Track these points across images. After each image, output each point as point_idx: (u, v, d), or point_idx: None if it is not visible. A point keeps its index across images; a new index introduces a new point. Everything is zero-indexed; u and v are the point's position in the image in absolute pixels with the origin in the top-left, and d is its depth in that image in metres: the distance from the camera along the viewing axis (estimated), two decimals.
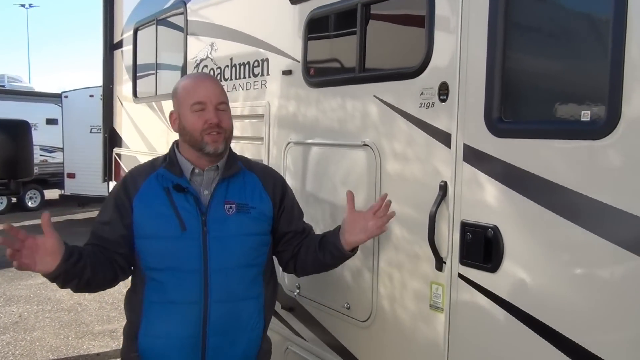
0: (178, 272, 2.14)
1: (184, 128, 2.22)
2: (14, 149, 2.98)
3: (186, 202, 2.17)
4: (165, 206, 2.16)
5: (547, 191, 1.88)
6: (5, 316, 6.87)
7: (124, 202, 2.19)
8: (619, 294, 1.73)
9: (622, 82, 1.68)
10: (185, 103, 2.21)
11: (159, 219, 2.15)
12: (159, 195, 2.18)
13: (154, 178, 2.22)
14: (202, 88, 2.22)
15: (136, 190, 2.19)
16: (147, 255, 2.18)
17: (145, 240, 2.17)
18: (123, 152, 5.80)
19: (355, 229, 2.24)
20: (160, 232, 2.15)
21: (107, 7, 5.94)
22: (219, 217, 2.18)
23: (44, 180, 15.66)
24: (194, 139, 2.19)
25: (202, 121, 2.17)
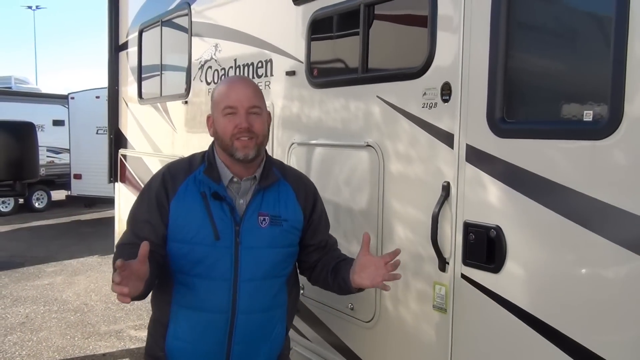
0: (208, 280, 2.13)
1: (217, 132, 2.19)
2: (19, 150, 3.00)
3: (221, 211, 2.14)
4: (201, 212, 2.12)
5: (550, 191, 1.87)
6: (12, 317, 6.89)
7: (163, 202, 2.15)
8: (622, 294, 1.73)
9: (625, 81, 1.68)
10: (218, 107, 2.17)
11: (194, 225, 2.12)
12: (195, 199, 2.14)
13: (192, 181, 2.18)
14: (234, 91, 2.18)
15: (174, 192, 2.15)
16: (178, 259, 2.15)
17: (178, 244, 2.14)
18: (128, 153, 5.82)
19: (363, 272, 2.15)
20: (194, 238, 2.12)
21: (112, 9, 5.96)
22: (252, 229, 2.16)
23: (51, 181, 15.71)
24: (225, 143, 2.16)
25: (233, 125, 2.13)
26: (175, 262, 2.15)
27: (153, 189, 2.20)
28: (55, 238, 11.80)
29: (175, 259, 2.15)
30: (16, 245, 11.00)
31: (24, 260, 9.68)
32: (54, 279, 8.63)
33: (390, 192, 2.55)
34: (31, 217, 14.46)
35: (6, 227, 12.78)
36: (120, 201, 6.15)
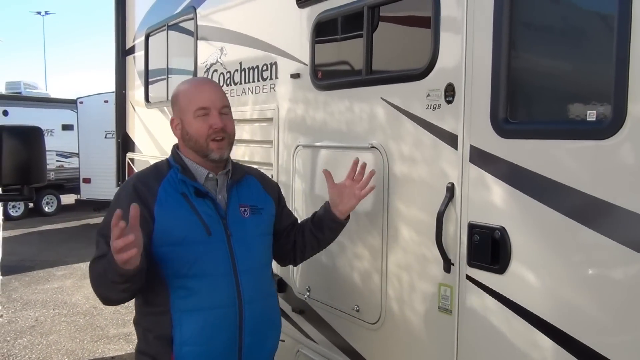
0: (209, 277, 2.12)
1: (188, 134, 2.20)
2: (26, 154, 3.01)
3: (206, 207, 2.16)
4: (187, 212, 2.12)
5: (554, 192, 1.87)
6: (22, 320, 6.95)
7: (144, 211, 2.02)
8: (627, 295, 1.72)
9: (628, 80, 1.67)
10: (188, 109, 2.18)
11: (183, 225, 2.11)
12: (178, 200, 2.13)
13: (168, 184, 2.16)
14: (204, 93, 2.21)
15: (154, 198, 2.11)
16: (172, 263, 2.09)
17: (171, 247, 2.09)
18: (136, 156, 5.85)
19: (344, 198, 2.41)
20: (186, 238, 2.10)
21: (119, 14, 6.00)
22: (237, 220, 2.21)
23: (60, 185, 15.83)
24: (199, 145, 2.18)
25: (207, 126, 2.16)
26: (168, 266, 2.10)
27: (125, 199, 2.07)
28: (65, 242, 11.89)
29: (168, 263, 2.10)
30: (26, 249, 11.09)
31: (33, 264, 9.76)
32: (64, 282, 8.70)
33: (394, 194, 2.54)
34: (41, 221, 14.58)
35: (16, 232, 12.89)
36: None
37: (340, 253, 2.89)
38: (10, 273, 8.91)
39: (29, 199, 3.20)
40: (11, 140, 2.99)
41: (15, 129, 3.11)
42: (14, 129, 3.12)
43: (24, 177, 3.03)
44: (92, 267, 2.08)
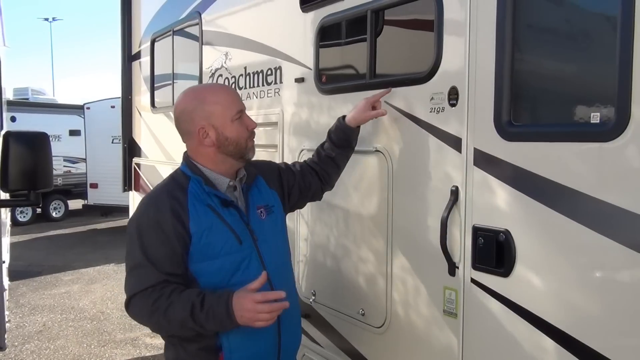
0: (247, 283, 2.05)
1: (227, 139, 2.15)
2: (33, 160, 3.02)
3: (232, 216, 2.15)
4: (219, 224, 2.11)
5: (558, 194, 1.86)
6: (30, 325, 6.97)
7: (180, 230, 2.04)
8: (632, 298, 1.71)
9: (631, 82, 1.67)
10: (226, 114, 2.15)
11: (219, 238, 2.10)
12: (207, 214, 2.10)
13: (193, 198, 2.11)
14: (236, 96, 2.24)
15: (186, 214, 2.07)
16: (212, 276, 2.09)
17: (209, 261, 2.09)
18: (142, 161, 5.87)
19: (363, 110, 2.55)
20: (223, 250, 2.10)
21: (125, 19, 6.03)
22: (258, 223, 2.22)
23: (68, 190, 15.90)
24: (240, 147, 2.18)
25: (245, 128, 2.19)
26: (209, 280, 2.09)
27: (164, 222, 2.06)
28: (72, 247, 11.94)
29: (209, 278, 2.09)
30: (34, 254, 11.13)
31: (41, 269, 9.80)
32: (71, 287, 8.73)
33: (399, 197, 2.54)
34: (48, 226, 14.64)
35: (24, 237, 12.95)
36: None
37: (345, 257, 2.89)
38: (18, 278, 8.94)
39: (36, 205, 3.21)
40: (18, 146, 3.01)
41: (22, 135, 3.12)
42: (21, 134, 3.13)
43: (31, 183, 3.04)
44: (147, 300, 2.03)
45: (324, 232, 3.05)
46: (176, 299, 2.00)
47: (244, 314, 1.94)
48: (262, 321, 1.95)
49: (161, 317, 2.01)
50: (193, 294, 2.01)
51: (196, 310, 1.97)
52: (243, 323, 1.96)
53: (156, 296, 2.01)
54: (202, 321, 1.97)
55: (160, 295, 2.01)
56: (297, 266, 3.25)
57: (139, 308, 2.07)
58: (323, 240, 3.06)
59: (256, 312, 1.93)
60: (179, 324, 2.01)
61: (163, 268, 2.04)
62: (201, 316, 1.96)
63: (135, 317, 2.12)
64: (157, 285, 2.03)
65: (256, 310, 1.93)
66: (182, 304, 1.98)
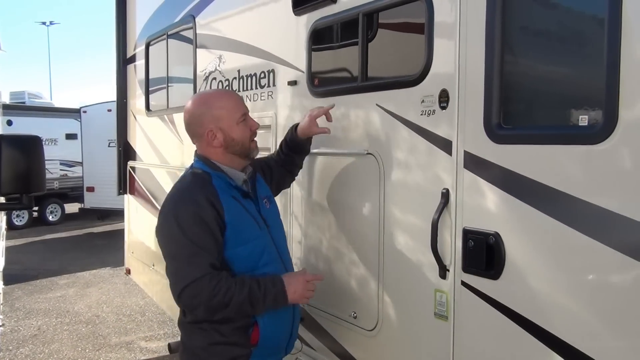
0: (271, 264, 2.40)
1: (233, 140, 2.39)
2: (26, 163, 3.02)
3: (250, 205, 2.41)
4: (244, 213, 2.36)
5: (546, 197, 1.86)
6: (25, 329, 6.95)
7: (218, 220, 2.26)
8: (621, 300, 1.71)
9: (619, 85, 1.67)
10: (232, 118, 2.38)
11: (247, 225, 2.35)
12: (235, 204, 2.34)
13: (221, 191, 2.32)
14: (239, 100, 2.46)
15: (221, 205, 2.28)
16: (246, 260, 2.33)
17: (242, 246, 2.32)
18: (137, 165, 5.86)
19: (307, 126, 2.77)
20: (251, 235, 2.35)
21: (120, 23, 6.02)
22: (267, 212, 2.50)
23: (64, 194, 15.88)
24: (245, 147, 2.43)
25: (248, 129, 2.44)
26: (243, 264, 2.33)
27: (205, 213, 2.24)
28: (69, 251, 11.92)
29: (242, 262, 2.33)
30: (30, 258, 11.12)
31: (37, 273, 9.78)
32: (67, 291, 8.71)
33: (390, 200, 2.54)
34: (45, 230, 14.62)
35: (20, 241, 12.93)
36: (130, 213, 6.19)
37: (337, 260, 2.89)
38: (14, 282, 8.93)
39: (28, 208, 3.21)
40: (10, 149, 3.00)
41: (15, 138, 3.11)
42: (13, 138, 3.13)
43: (24, 186, 3.03)
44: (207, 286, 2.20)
45: (316, 234, 3.05)
46: (232, 283, 2.22)
47: (297, 291, 2.32)
48: (308, 298, 2.40)
49: (221, 299, 2.20)
50: (246, 278, 2.27)
51: (254, 292, 2.23)
52: (293, 300, 2.33)
53: (215, 282, 2.20)
54: (259, 301, 2.24)
55: (219, 280, 2.21)
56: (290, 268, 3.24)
57: (198, 294, 2.21)
58: (316, 243, 3.06)
59: (306, 290, 2.36)
60: (237, 306, 2.23)
61: (214, 254, 2.26)
62: (258, 297, 2.23)
63: (192, 303, 2.25)
64: (212, 272, 2.22)
65: (307, 289, 2.36)
66: (239, 287, 2.22)
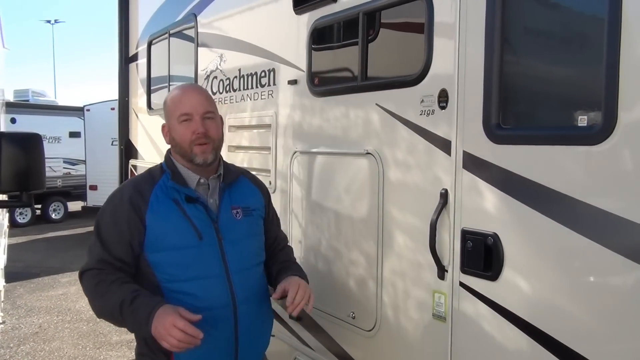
0: (203, 279, 2.16)
1: (174, 140, 2.27)
2: (25, 161, 3.01)
3: (197, 212, 2.20)
4: (178, 218, 2.17)
5: (546, 198, 1.85)
6: (26, 327, 6.96)
7: (134, 219, 2.15)
8: (619, 302, 1.70)
9: (618, 86, 1.66)
10: (173, 115, 2.25)
11: (176, 231, 2.16)
12: (169, 207, 2.18)
13: (159, 190, 2.21)
14: (187, 99, 2.26)
15: (146, 204, 2.17)
16: (166, 268, 2.15)
17: (164, 253, 2.15)
18: (139, 163, 5.86)
19: None
20: (180, 243, 2.15)
21: (123, 21, 6.03)
22: (229, 223, 2.25)
23: (67, 192, 15.89)
24: (183, 150, 2.25)
25: (190, 132, 2.22)
26: (163, 271, 2.16)
27: (120, 209, 2.18)
28: (71, 249, 11.92)
29: (162, 269, 2.16)
30: (32, 256, 11.13)
31: (39, 271, 9.79)
32: (68, 289, 8.72)
33: (390, 200, 2.53)
34: (48, 228, 14.63)
35: (23, 238, 12.94)
36: None
37: (336, 260, 2.88)
38: (15, 280, 8.94)
39: (28, 206, 3.22)
40: (10, 147, 3.00)
41: (15, 136, 3.11)
42: (13, 135, 3.12)
43: (23, 184, 3.03)
44: (91, 281, 2.14)
45: (315, 234, 3.04)
46: (115, 288, 2.09)
47: (158, 327, 1.95)
48: (168, 344, 1.94)
49: (97, 301, 2.12)
50: (129, 289, 2.08)
51: (125, 305, 2.03)
52: (154, 335, 1.97)
53: (99, 279, 2.11)
54: (125, 317, 2.04)
55: (103, 280, 2.11)
56: None
57: (85, 286, 2.18)
58: (315, 243, 3.05)
59: (168, 334, 1.92)
60: (109, 313, 2.10)
61: (111, 251, 2.14)
62: (126, 312, 2.03)
63: (84, 292, 2.19)
64: (104, 269, 2.13)
65: (170, 332, 1.92)
66: (117, 295, 2.06)
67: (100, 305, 2.12)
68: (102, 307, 2.12)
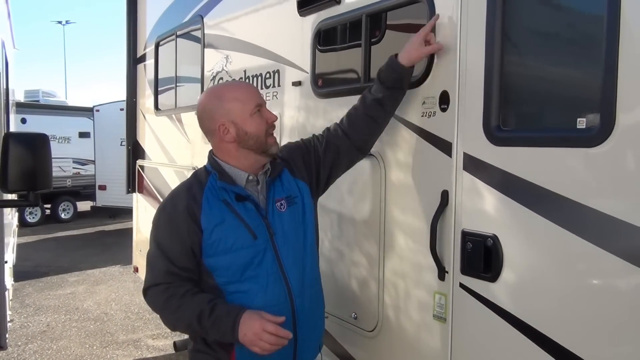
0: (260, 277, 2.15)
1: (247, 134, 2.18)
2: (32, 161, 3.05)
3: (248, 210, 2.18)
4: (232, 218, 2.15)
5: (544, 200, 1.85)
6: (34, 325, 7.02)
7: (192, 225, 2.13)
8: (618, 305, 1.70)
9: (616, 88, 1.66)
10: (245, 110, 2.19)
11: (231, 233, 2.14)
12: (221, 208, 2.15)
13: (209, 193, 2.18)
14: (253, 91, 2.28)
15: (200, 210, 2.14)
16: (225, 270, 2.15)
17: (221, 256, 2.14)
18: (146, 163, 5.90)
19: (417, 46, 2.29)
20: (235, 244, 2.13)
21: (130, 23, 6.08)
22: (277, 217, 2.23)
23: (77, 192, 16.01)
24: (260, 141, 2.20)
25: (264, 121, 2.23)
26: (222, 274, 2.16)
27: (177, 217, 2.16)
28: (80, 248, 12.01)
29: (221, 272, 2.16)
30: (41, 255, 11.22)
31: (48, 270, 9.87)
32: (76, 288, 8.78)
33: (391, 201, 2.54)
34: (57, 227, 14.75)
35: (33, 238, 13.05)
36: (139, 211, 6.24)
37: (339, 260, 2.89)
38: (24, 279, 9.02)
39: (35, 205, 3.25)
40: (18, 147, 3.04)
41: (22, 136, 3.16)
42: (21, 135, 3.17)
43: (30, 184, 3.07)
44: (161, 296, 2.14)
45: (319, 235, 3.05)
46: (188, 300, 2.10)
47: (247, 334, 1.99)
48: (260, 349, 1.99)
49: (171, 315, 2.14)
50: (205, 300, 2.09)
51: (204, 317, 2.05)
52: (243, 342, 2.01)
53: (169, 294, 2.11)
54: (207, 328, 2.06)
55: (174, 294, 2.11)
56: None
57: (153, 301, 2.20)
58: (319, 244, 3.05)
59: (260, 339, 1.98)
60: (186, 325, 2.14)
61: (176, 262, 2.13)
62: (207, 323, 2.04)
63: (151, 307, 2.23)
64: (172, 283, 2.13)
65: (261, 337, 1.98)
66: (192, 307, 2.07)
67: (175, 318, 2.13)
68: (177, 319, 2.14)
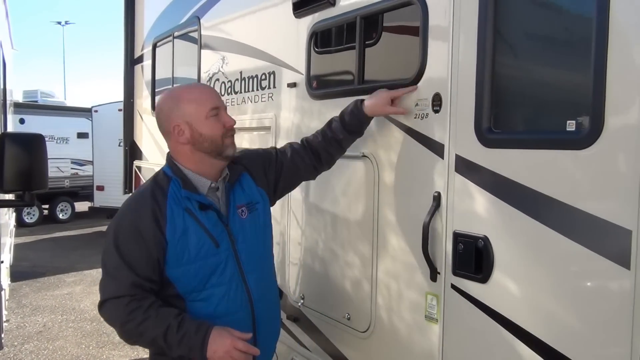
0: (223, 285, 2.15)
1: (201, 135, 2.15)
2: (28, 161, 3.07)
3: (210, 219, 2.16)
4: (196, 228, 2.12)
5: (535, 201, 1.87)
6: (30, 325, 7.02)
7: (158, 236, 2.07)
8: (608, 306, 1.71)
9: (605, 91, 1.67)
10: (200, 111, 2.16)
11: (195, 243, 2.11)
12: (185, 218, 2.12)
13: (172, 200, 2.13)
14: (211, 94, 2.25)
15: (164, 220, 2.09)
16: (190, 280, 2.12)
17: (185, 266, 2.11)
18: (143, 164, 5.91)
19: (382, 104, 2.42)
20: (199, 254, 2.11)
21: (128, 24, 6.09)
22: (238, 223, 2.23)
23: (75, 192, 16.01)
24: (215, 144, 2.18)
25: (221, 125, 2.19)
26: (187, 284, 2.13)
27: (143, 224, 2.09)
28: (77, 249, 12.01)
29: (186, 281, 2.12)
30: (39, 255, 11.22)
31: (45, 270, 9.87)
32: (73, 288, 8.78)
33: (384, 202, 2.56)
34: (55, 228, 14.74)
35: (30, 238, 13.05)
36: None
37: (333, 261, 2.90)
38: (22, 279, 9.02)
39: (30, 205, 3.26)
40: (14, 147, 3.05)
41: (18, 136, 3.17)
42: (17, 136, 3.18)
43: (26, 184, 3.08)
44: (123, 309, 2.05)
45: (312, 236, 3.07)
46: (153, 314, 2.04)
47: (217, 351, 2.00)
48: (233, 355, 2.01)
49: (134, 329, 2.05)
50: (172, 315, 2.05)
51: (171, 333, 2.01)
52: (211, 358, 2.01)
53: (133, 307, 2.04)
54: (172, 344, 2.02)
55: (138, 307, 2.04)
56: (288, 269, 3.27)
57: (113, 313, 2.10)
58: (312, 245, 3.07)
59: (230, 356, 2.00)
60: (150, 340, 2.07)
61: (142, 274, 2.07)
62: (174, 339, 2.01)
63: (107, 321, 2.15)
64: (135, 295, 2.06)
65: (231, 354, 2.00)
66: (158, 322, 2.03)
67: (138, 332, 2.05)
68: (139, 334, 2.05)
